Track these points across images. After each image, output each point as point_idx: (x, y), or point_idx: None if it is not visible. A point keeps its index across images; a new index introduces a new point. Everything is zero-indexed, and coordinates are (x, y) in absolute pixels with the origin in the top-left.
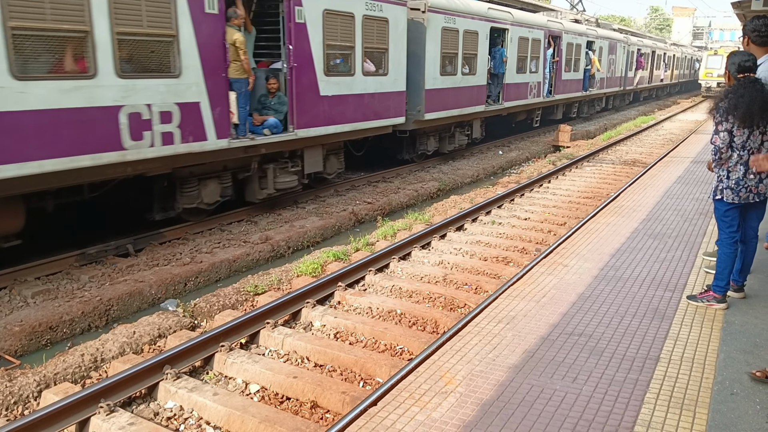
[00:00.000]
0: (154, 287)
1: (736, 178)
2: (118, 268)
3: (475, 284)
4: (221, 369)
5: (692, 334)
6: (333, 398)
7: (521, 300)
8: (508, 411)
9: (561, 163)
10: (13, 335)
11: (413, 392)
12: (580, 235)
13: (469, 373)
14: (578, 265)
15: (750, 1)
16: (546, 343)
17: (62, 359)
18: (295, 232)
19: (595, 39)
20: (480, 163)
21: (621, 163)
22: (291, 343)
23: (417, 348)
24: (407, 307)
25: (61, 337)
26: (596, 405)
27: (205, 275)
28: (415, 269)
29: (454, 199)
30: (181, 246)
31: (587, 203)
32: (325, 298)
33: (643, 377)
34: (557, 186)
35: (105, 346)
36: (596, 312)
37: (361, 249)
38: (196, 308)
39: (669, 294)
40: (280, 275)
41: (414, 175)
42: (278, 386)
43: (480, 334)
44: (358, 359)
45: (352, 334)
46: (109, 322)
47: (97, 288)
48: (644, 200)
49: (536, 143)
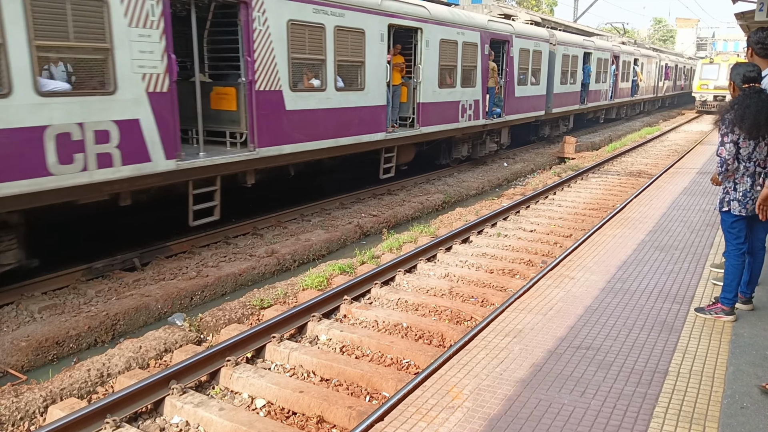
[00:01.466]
0: (160, 302)
1: (743, 190)
2: (125, 282)
3: (481, 297)
4: (227, 383)
5: (701, 346)
6: (339, 413)
7: (528, 313)
8: (516, 426)
9: (566, 175)
10: (20, 350)
11: (420, 407)
12: (587, 247)
13: (476, 388)
14: (585, 277)
15: (753, 12)
16: (553, 356)
17: (68, 374)
18: (301, 245)
19: (639, 56)
20: (485, 175)
21: (626, 174)
22: (297, 357)
23: (424, 362)
24: (413, 321)
25: (68, 352)
26: (605, 419)
27: (211, 289)
28: (421, 282)
29: (460, 211)
30: (187, 260)
31: (593, 215)
32: (331, 311)
33: (651, 391)
34: (563, 198)
35: (111, 361)
36: (603, 325)
37: (367, 262)
38: (202, 322)
39: (677, 306)
40: (285, 289)
41: (419, 188)
42: (284, 401)
43: (487, 347)
44: (364, 373)
45: (358, 347)
46: (115, 336)
47: (104, 303)
48: (650, 212)
49: (541, 155)
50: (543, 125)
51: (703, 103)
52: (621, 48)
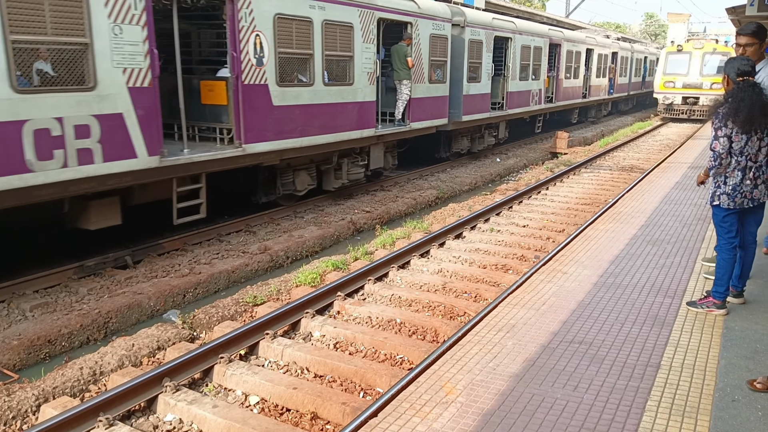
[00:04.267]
0: (152, 299)
1: (733, 184)
2: (117, 280)
3: (474, 292)
4: (221, 381)
5: (692, 340)
6: (333, 409)
7: (521, 308)
8: (509, 421)
9: (559, 170)
10: (12, 349)
11: (414, 402)
12: (579, 242)
13: (469, 383)
14: (577, 272)
15: (744, 7)
16: (546, 351)
17: (61, 373)
18: (294, 242)
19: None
20: (478, 171)
21: (618, 169)
22: (290, 353)
23: (417, 357)
24: (407, 316)
25: (60, 350)
26: (597, 413)
27: (204, 286)
28: (415, 278)
29: (453, 207)
30: (180, 257)
31: (585, 210)
32: (325, 308)
33: (644, 385)
34: (555, 193)
35: (104, 359)
36: (596, 319)
37: (360, 258)
38: (195, 320)
39: (669, 300)
40: (279, 285)
41: (412, 184)
42: (278, 398)
43: (480, 342)
44: (358, 369)
45: (351, 344)
46: (107, 334)
47: (96, 300)
48: (642, 206)
49: (534, 150)
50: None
51: (668, 107)
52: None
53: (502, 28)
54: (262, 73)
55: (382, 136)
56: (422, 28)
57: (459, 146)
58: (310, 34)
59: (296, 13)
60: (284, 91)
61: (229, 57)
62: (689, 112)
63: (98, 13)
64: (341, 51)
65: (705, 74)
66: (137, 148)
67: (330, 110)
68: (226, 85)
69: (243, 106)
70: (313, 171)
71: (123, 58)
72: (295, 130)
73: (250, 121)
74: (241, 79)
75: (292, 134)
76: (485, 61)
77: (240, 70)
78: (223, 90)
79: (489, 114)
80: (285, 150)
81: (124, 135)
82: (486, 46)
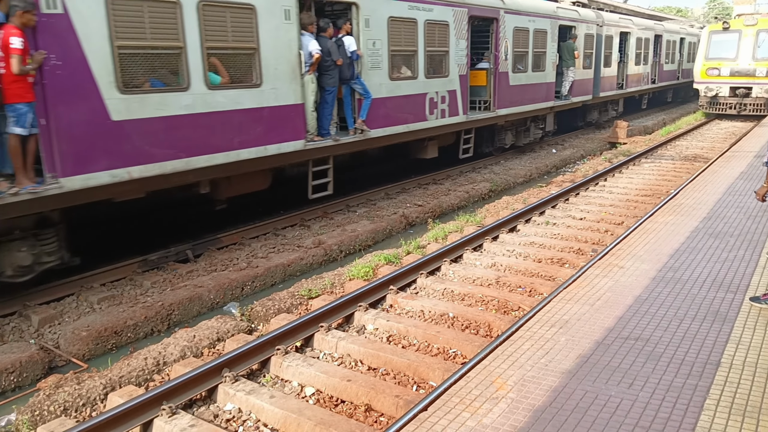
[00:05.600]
0: (212, 292)
1: None
2: (179, 273)
3: (529, 286)
4: (277, 372)
5: (755, 337)
6: (387, 402)
7: (575, 303)
8: (561, 417)
9: (617, 161)
10: (81, 340)
11: (464, 397)
12: (637, 234)
13: (520, 379)
14: (635, 266)
15: None
16: (601, 347)
17: (127, 363)
18: (347, 236)
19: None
20: (533, 162)
21: (680, 159)
22: (344, 346)
23: (470, 352)
24: (459, 311)
25: (126, 341)
26: (653, 411)
27: (261, 279)
28: (467, 272)
29: (507, 199)
30: (238, 251)
31: (645, 201)
32: (378, 301)
33: (702, 383)
34: (614, 184)
35: (167, 349)
36: (653, 315)
37: (413, 252)
38: (253, 312)
39: (731, 296)
40: (333, 279)
41: (465, 177)
42: (333, 389)
43: (532, 338)
44: (411, 363)
45: (404, 337)
46: (170, 326)
47: (159, 293)
48: (705, 197)
49: (591, 140)
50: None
51: (712, 99)
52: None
53: (626, 26)
54: (505, 66)
55: (553, 107)
56: (581, 30)
57: (590, 117)
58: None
59: (521, 25)
60: (515, 76)
61: (492, 55)
62: (739, 107)
63: (452, 35)
64: (540, 47)
65: (759, 58)
66: (461, 110)
67: (533, 88)
68: (487, 73)
69: (496, 86)
70: (513, 131)
71: (458, 59)
72: (516, 101)
73: (499, 95)
74: (497, 68)
75: (514, 104)
76: (614, 51)
77: (497, 63)
78: (484, 76)
79: (616, 92)
80: (511, 114)
81: (456, 103)
82: (615, 39)
